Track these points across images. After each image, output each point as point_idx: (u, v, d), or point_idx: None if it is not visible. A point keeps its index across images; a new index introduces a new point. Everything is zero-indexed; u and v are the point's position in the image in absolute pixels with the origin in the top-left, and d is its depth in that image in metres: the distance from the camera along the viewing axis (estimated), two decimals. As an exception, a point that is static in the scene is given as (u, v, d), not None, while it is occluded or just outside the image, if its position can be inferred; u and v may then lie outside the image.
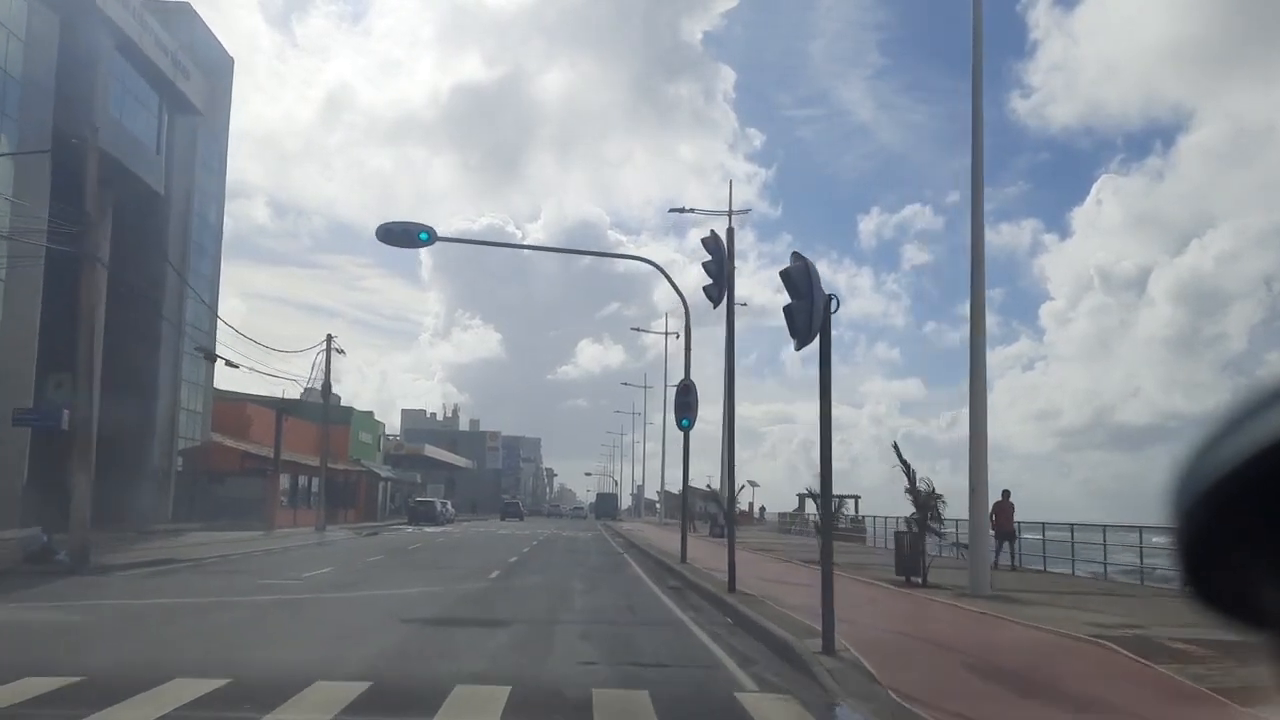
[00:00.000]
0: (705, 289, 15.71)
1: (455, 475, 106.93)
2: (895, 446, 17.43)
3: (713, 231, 15.67)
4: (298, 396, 44.27)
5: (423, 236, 21.55)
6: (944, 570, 18.19)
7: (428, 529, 51.32)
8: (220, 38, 43.35)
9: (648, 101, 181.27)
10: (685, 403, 23.45)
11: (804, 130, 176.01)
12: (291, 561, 23.93)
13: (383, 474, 66.99)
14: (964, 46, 23.20)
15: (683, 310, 24.00)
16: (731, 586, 15.45)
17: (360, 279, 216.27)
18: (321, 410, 56.70)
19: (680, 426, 23.44)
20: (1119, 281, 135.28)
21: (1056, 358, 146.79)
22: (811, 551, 30.49)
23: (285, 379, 56.11)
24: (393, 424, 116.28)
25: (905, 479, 17.25)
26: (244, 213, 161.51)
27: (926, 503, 17.36)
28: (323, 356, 43.24)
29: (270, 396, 46.28)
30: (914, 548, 18.14)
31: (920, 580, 17.67)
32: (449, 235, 23.29)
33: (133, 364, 35.19)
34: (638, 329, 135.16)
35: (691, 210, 52.15)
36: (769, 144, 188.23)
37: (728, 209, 50.07)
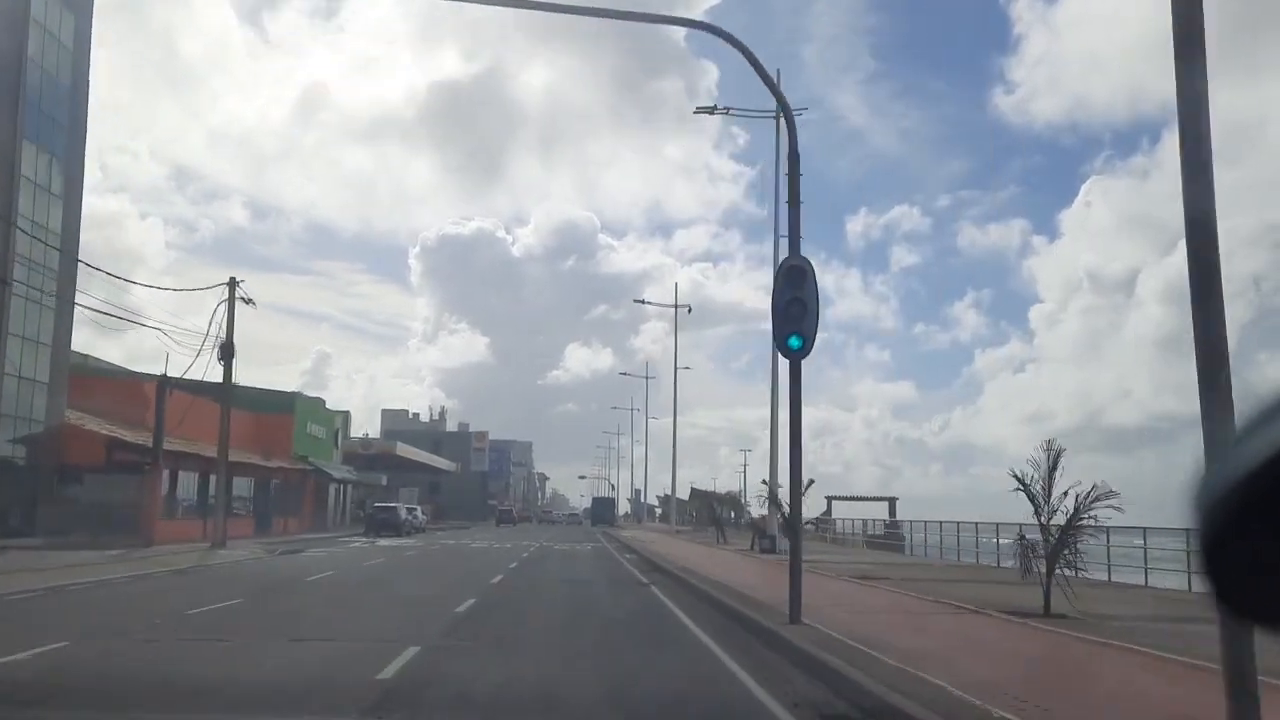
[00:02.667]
0: None
1: (438, 479, 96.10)
2: None
3: None
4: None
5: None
6: None
7: (382, 542, 39.90)
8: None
9: (631, 100, 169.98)
10: (797, 302, 11.80)
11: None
12: (14, 623, 12.25)
13: (335, 475, 54.78)
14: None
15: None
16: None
17: (353, 285, 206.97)
18: (253, 393, 45.31)
19: (787, 349, 11.79)
20: (1108, 283, 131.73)
21: (1047, 360, 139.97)
22: (938, 582, 19.34)
23: (151, 327, 43.16)
24: (375, 427, 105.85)
25: None
26: (223, 214, 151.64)
27: None
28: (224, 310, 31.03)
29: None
30: None
31: None
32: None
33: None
34: (642, 301, 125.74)
35: (726, 110, 40.59)
36: (754, 144, 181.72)
37: (776, 110, 38.71)
